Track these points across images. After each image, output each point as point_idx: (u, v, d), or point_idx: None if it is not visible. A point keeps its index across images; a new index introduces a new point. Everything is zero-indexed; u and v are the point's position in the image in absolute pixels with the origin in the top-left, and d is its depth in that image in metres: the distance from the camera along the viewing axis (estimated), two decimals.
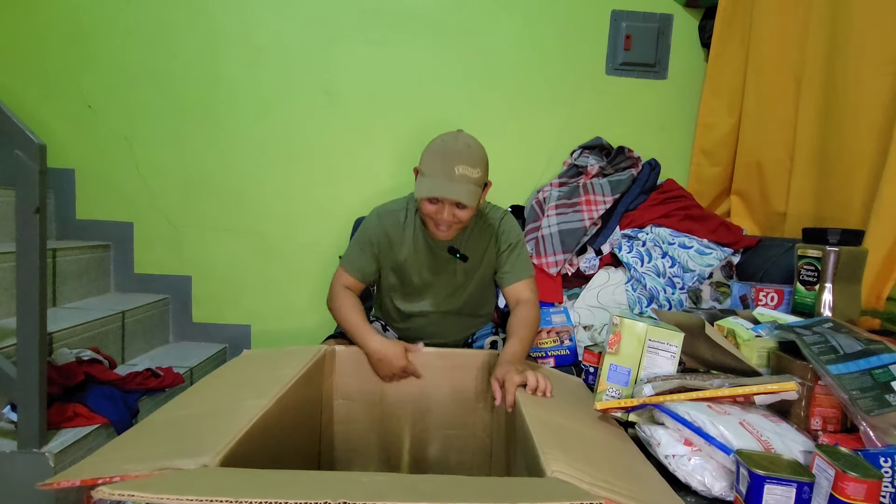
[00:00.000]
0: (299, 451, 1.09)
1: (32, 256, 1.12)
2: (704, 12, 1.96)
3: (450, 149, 1.18)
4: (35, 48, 1.93)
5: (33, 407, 1.15)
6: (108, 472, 0.60)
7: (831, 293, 1.15)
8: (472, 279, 1.39)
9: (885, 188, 1.21)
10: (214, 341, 2.03)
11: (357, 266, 1.35)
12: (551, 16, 1.98)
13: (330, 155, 2.00)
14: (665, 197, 1.80)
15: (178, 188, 1.99)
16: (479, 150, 1.23)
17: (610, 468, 0.70)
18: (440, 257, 1.36)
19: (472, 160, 1.18)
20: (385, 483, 0.61)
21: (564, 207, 1.78)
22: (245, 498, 0.50)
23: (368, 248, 1.35)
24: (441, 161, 1.17)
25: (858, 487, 0.64)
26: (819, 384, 0.86)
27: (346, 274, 1.35)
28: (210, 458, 0.65)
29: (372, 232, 1.34)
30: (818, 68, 1.48)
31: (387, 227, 1.34)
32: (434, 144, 1.22)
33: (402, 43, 1.97)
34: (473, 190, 1.19)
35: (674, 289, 1.65)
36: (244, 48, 1.95)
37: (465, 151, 1.18)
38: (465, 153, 1.18)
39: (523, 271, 1.34)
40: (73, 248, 1.82)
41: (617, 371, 0.94)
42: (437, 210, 1.21)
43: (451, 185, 1.17)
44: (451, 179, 1.16)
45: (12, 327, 1.19)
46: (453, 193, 1.16)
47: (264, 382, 0.96)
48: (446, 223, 1.23)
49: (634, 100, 2.02)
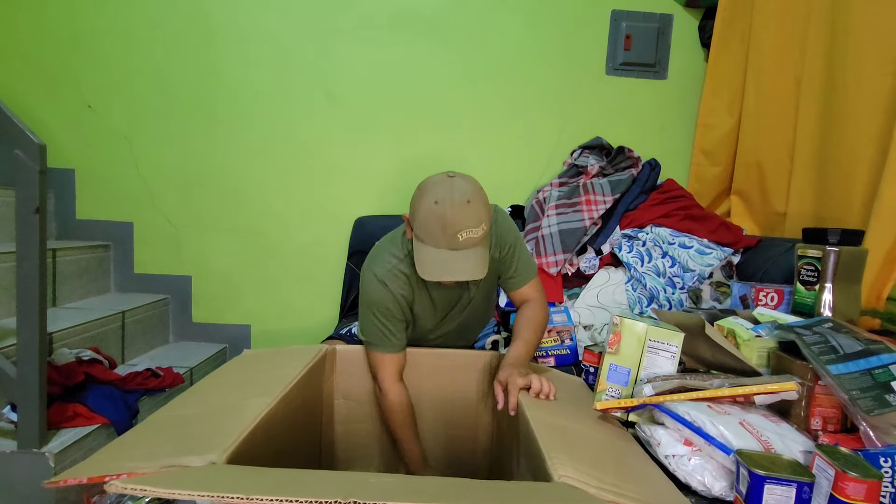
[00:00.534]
0: (301, 450, 1.09)
1: (32, 256, 1.12)
2: (704, 12, 1.96)
3: (449, 213, 0.99)
4: (35, 48, 1.93)
5: (33, 407, 1.15)
6: (114, 469, 0.59)
7: (831, 293, 1.15)
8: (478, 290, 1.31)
9: (885, 188, 1.21)
10: (214, 341, 2.03)
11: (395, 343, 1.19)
12: (551, 16, 1.98)
13: (330, 155, 2.00)
14: (665, 197, 1.80)
15: (178, 188, 1.99)
16: (480, 198, 1.04)
17: (616, 471, 0.70)
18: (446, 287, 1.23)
19: (475, 218, 1.00)
20: (394, 484, 0.61)
21: (564, 207, 1.78)
22: (257, 495, 0.50)
23: (395, 319, 1.18)
24: (441, 228, 1.00)
25: (858, 487, 0.64)
26: (819, 384, 0.86)
27: (390, 356, 1.19)
28: (217, 455, 0.65)
29: (389, 302, 1.17)
30: (818, 68, 1.48)
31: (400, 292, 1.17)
32: (427, 202, 1.01)
33: (401, 43, 1.97)
34: (481, 252, 1.04)
35: (674, 289, 1.65)
36: (244, 48, 1.95)
37: (466, 211, 1.00)
38: (467, 213, 1.00)
39: (527, 273, 1.25)
40: (73, 248, 1.82)
41: (617, 371, 0.94)
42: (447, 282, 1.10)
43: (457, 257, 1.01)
44: (456, 248, 1.01)
45: (12, 327, 1.19)
46: (466, 274, 1.02)
47: (267, 381, 0.96)
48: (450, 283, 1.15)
49: (634, 100, 2.02)
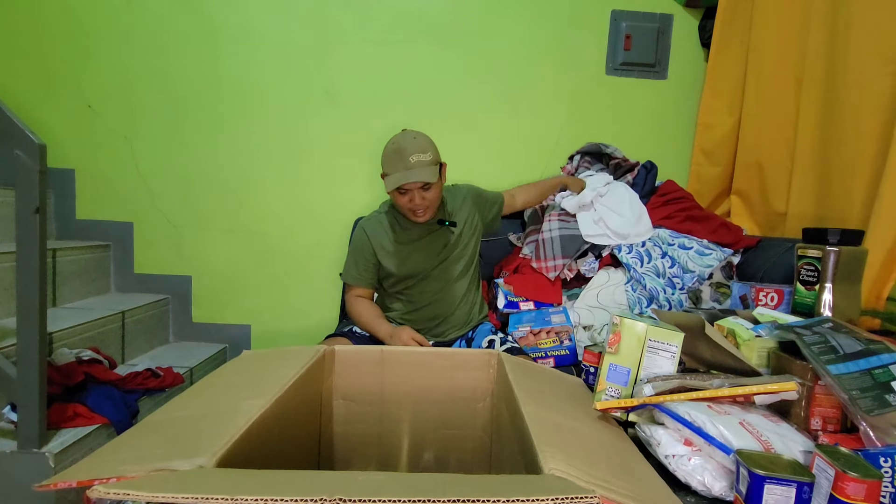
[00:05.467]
0: (298, 451, 1.09)
1: (32, 256, 1.12)
2: (704, 12, 1.96)
3: (400, 145, 1.39)
4: (35, 48, 1.93)
5: (33, 407, 1.15)
6: (104, 473, 0.59)
7: (831, 293, 1.15)
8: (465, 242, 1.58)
9: (885, 188, 1.21)
10: (214, 341, 2.03)
11: (357, 276, 1.56)
12: (551, 16, 1.98)
13: (330, 155, 2.00)
14: (665, 199, 1.80)
15: (178, 188, 1.99)
16: (425, 138, 1.43)
17: (608, 467, 0.70)
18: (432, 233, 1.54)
19: (421, 147, 1.39)
20: (381, 481, 0.61)
21: (566, 215, 1.78)
22: (241, 496, 0.50)
23: (363, 259, 1.54)
24: (397, 157, 1.38)
25: (858, 487, 0.64)
26: (819, 384, 0.86)
27: (355, 288, 1.57)
28: (206, 458, 0.65)
29: (361, 243, 1.55)
30: (818, 68, 1.48)
31: (373, 232, 1.54)
32: (388, 147, 1.42)
33: (401, 43, 1.97)
34: (430, 169, 1.39)
35: (674, 289, 1.65)
36: (244, 48, 1.95)
37: (413, 143, 1.39)
38: (414, 144, 1.39)
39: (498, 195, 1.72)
40: (73, 248, 1.82)
41: (617, 371, 0.94)
42: (409, 198, 1.41)
43: (411, 172, 1.36)
44: (410, 168, 1.37)
45: (12, 327, 1.19)
46: (415, 177, 1.36)
47: (263, 383, 0.96)
48: (421, 207, 1.43)
49: (634, 100, 2.02)
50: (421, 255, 1.54)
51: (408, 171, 1.37)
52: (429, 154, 1.40)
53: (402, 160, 1.37)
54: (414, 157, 1.37)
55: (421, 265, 1.54)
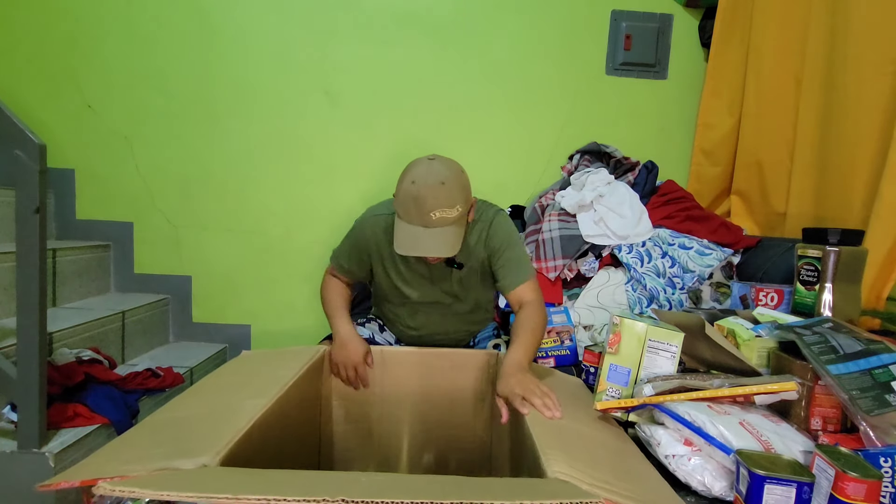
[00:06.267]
0: (298, 451, 1.09)
1: (32, 256, 1.12)
2: (704, 12, 1.96)
3: (423, 192, 1.06)
4: (35, 48, 1.93)
5: (33, 407, 1.15)
6: (106, 472, 0.60)
7: (831, 293, 1.15)
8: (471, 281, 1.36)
9: (885, 188, 1.20)
10: (214, 341, 2.03)
11: (345, 267, 1.38)
12: (551, 16, 1.98)
13: (329, 155, 2.00)
14: (666, 199, 1.80)
15: (178, 188, 1.99)
16: (456, 181, 1.10)
17: (611, 469, 0.70)
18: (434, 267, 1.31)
19: (449, 199, 1.07)
20: (384, 482, 0.61)
21: (566, 216, 1.78)
22: (245, 495, 0.50)
23: (356, 255, 1.35)
24: (415, 206, 1.06)
25: (858, 487, 0.64)
26: (819, 384, 0.86)
27: (337, 275, 1.41)
28: (209, 458, 0.65)
29: (362, 241, 1.33)
30: (818, 68, 1.48)
31: (374, 237, 1.31)
32: (406, 182, 1.09)
33: (402, 43, 1.97)
34: (454, 231, 1.10)
35: (674, 289, 1.65)
36: (244, 48, 1.95)
37: (439, 191, 1.06)
38: (440, 193, 1.06)
39: (521, 274, 1.25)
40: (73, 248, 1.82)
41: (617, 371, 0.94)
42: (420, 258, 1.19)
43: (430, 235, 1.08)
44: (428, 225, 1.08)
45: (12, 327, 1.19)
46: (433, 250, 1.09)
47: (263, 383, 0.96)
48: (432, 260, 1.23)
49: (634, 100, 2.02)
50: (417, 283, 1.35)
51: (425, 234, 1.07)
52: (456, 208, 1.08)
53: (421, 213, 1.06)
54: (437, 212, 1.06)
55: (416, 292, 1.35)
